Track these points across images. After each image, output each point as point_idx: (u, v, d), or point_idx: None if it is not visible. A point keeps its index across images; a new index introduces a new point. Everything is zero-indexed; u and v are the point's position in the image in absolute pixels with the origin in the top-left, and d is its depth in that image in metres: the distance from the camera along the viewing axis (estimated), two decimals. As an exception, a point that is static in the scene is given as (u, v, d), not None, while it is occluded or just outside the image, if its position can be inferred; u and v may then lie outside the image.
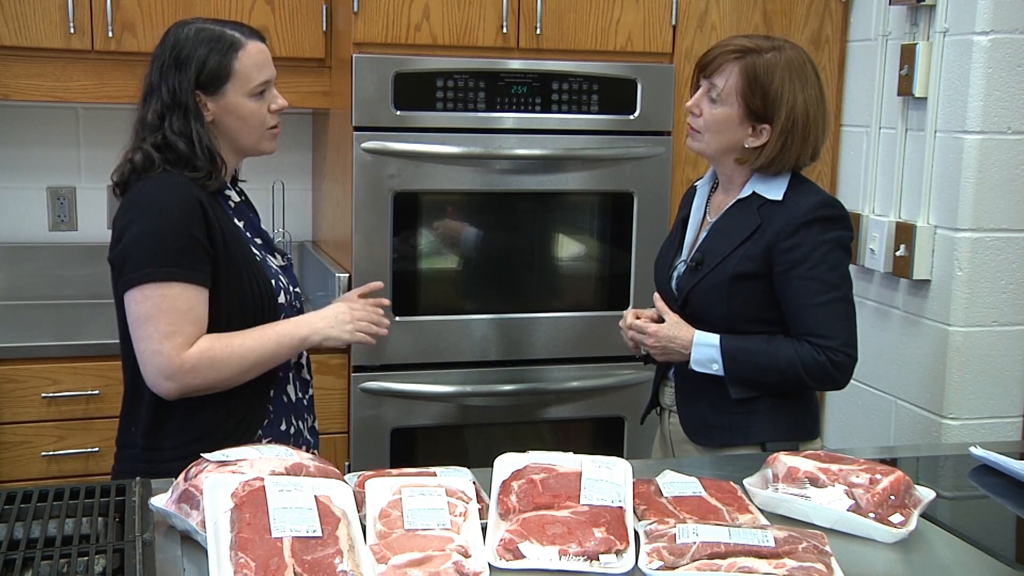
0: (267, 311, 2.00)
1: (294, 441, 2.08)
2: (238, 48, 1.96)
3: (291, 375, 2.09)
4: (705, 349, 2.08)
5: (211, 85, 1.95)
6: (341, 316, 2.07)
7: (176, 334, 1.87)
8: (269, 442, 2.01)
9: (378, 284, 2.23)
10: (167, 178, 1.93)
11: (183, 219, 1.89)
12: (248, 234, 2.05)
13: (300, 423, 2.11)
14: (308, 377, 2.17)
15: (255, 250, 2.03)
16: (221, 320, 1.94)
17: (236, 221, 2.03)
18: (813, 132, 2.07)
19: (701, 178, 2.27)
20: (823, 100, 2.09)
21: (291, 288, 2.10)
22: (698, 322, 2.11)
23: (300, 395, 2.12)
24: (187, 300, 1.89)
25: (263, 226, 2.17)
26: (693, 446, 2.18)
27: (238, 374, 1.94)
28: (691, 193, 2.28)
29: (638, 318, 2.17)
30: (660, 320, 2.15)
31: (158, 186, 1.92)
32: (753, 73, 2.03)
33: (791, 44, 2.08)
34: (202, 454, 1.61)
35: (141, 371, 1.92)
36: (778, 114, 2.03)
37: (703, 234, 2.18)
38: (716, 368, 2.08)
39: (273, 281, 2.02)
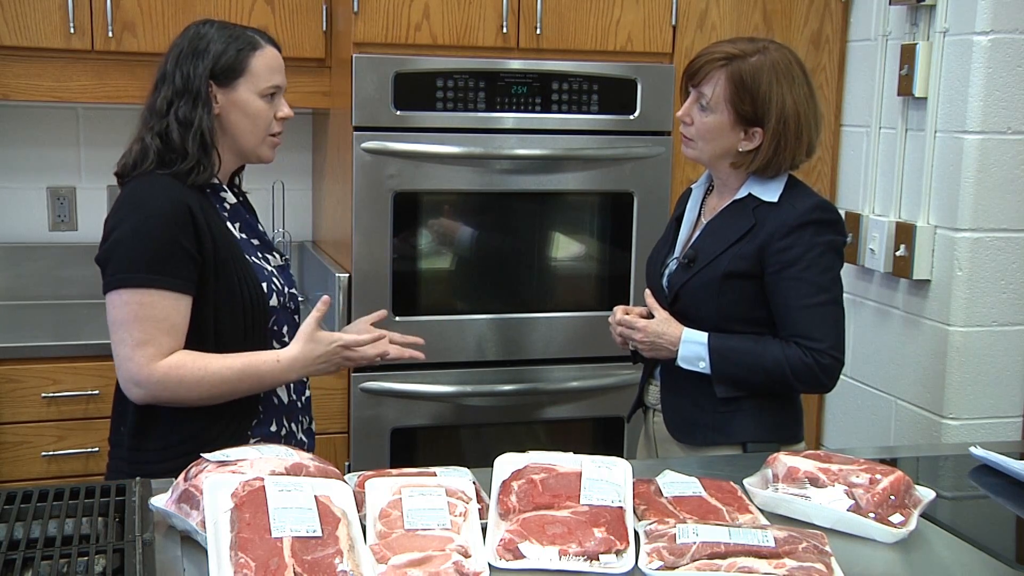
0: (258, 314, 1.99)
1: (284, 443, 2.04)
2: (256, 47, 2.00)
3: None
4: (693, 346, 2.08)
5: (224, 77, 1.98)
6: (335, 361, 2.01)
7: (149, 343, 1.87)
8: (258, 442, 1.99)
9: (382, 313, 2.19)
10: (157, 181, 1.93)
11: (169, 225, 1.88)
12: (244, 235, 2.05)
13: (293, 424, 2.09)
14: (305, 379, 2.14)
15: (248, 252, 2.02)
16: (209, 322, 1.93)
17: (230, 223, 2.02)
18: (806, 131, 2.07)
19: (697, 180, 2.28)
20: (812, 97, 2.09)
21: (286, 289, 2.08)
22: (687, 319, 2.11)
23: (294, 396, 2.10)
24: (164, 308, 1.87)
25: (263, 226, 2.15)
26: (676, 445, 2.18)
27: (207, 398, 1.92)
28: (686, 194, 2.29)
29: (627, 314, 2.18)
30: (649, 316, 2.15)
31: (148, 189, 1.92)
32: (740, 79, 2.03)
33: (776, 45, 2.08)
34: (202, 454, 1.61)
35: (116, 372, 1.92)
36: (768, 117, 2.04)
37: (697, 233, 2.19)
38: (703, 366, 2.08)
39: (265, 284, 2.01)
